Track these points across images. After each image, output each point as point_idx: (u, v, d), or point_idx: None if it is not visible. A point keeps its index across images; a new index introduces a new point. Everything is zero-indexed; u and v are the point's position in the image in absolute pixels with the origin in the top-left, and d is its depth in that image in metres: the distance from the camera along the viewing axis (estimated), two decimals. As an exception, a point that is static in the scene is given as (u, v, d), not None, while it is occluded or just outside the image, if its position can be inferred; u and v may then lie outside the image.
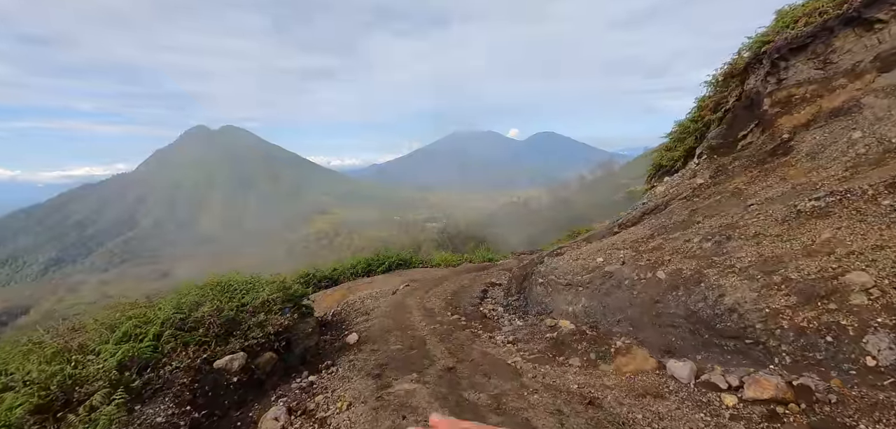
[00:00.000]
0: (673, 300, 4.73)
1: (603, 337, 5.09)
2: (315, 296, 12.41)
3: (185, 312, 5.20)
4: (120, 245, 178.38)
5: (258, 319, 5.48)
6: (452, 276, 13.11)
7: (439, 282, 11.99)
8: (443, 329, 6.74)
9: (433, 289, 10.98)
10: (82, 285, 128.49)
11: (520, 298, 8.70)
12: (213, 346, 4.90)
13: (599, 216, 64.99)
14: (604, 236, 8.77)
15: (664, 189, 9.56)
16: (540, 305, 7.53)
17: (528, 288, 8.41)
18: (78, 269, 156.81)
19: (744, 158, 7.16)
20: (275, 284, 7.41)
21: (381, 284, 12.55)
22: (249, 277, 7.63)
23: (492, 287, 11.34)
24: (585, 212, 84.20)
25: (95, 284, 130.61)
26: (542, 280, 7.71)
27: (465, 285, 11.42)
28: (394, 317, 8.11)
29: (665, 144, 14.54)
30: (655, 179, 13.35)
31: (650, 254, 5.97)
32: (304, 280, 12.95)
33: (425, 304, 9.20)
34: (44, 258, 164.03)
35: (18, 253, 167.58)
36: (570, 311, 6.57)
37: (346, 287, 12.66)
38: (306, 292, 9.37)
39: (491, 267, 14.60)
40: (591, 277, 6.46)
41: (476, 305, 9.08)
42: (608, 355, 4.61)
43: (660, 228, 6.86)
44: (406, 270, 14.35)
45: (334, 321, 9.40)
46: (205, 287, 6.61)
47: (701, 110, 12.30)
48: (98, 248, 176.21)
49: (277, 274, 8.87)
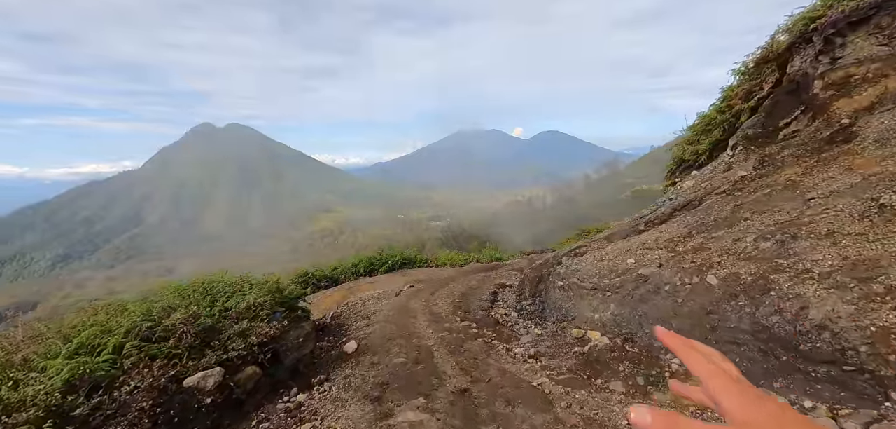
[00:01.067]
0: (733, 311, 3.94)
1: (648, 355, 4.30)
2: (314, 297, 11.70)
3: (154, 319, 4.46)
4: (126, 242, 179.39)
5: (241, 327, 4.73)
6: (459, 276, 12.34)
7: (446, 283, 11.23)
8: (452, 338, 5.97)
9: (439, 290, 10.22)
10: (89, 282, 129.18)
11: (535, 302, 7.92)
12: (184, 360, 4.16)
13: (605, 216, 63.98)
14: (628, 235, 7.95)
15: (693, 184, 8.73)
16: (559, 310, 6.75)
17: (545, 291, 7.63)
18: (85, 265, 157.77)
19: (794, 146, 6.32)
20: (265, 285, 6.67)
21: (383, 285, 11.80)
22: (238, 277, 6.90)
23: (502, 289, 10.56)
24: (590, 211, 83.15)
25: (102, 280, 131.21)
26: (562, 283, 6.92)
27: (473, 287, 10.65)
28: (397, 322, 7.36)
29: (686, 137, 13.68)
30: (678, 174, 12.50)
31: (692, 255, 5.16)
32: (303, 280, 12.24)
33: (431, 307, 8.44)
34: (51, 254, 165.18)
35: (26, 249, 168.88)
36: (597, 319, 5.77)
37: (347, 287, 11.94)
38: (302, 294, 8.65)
39: (499, 267, 13.81)
40: (621, 281, 5.66)
41: (487, 310, 8.30)
42: (661, 380, 3.81)
43: (698, 226, 6.04)
44: (410, 270, 13.62)
45: (333, 325, 8.67)
46: (186, 288, 5.89)
47: (729, 100, 11.45)
48: (105, 244, 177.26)
49: (271, 274, 8.14)
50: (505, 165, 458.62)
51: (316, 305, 10.90)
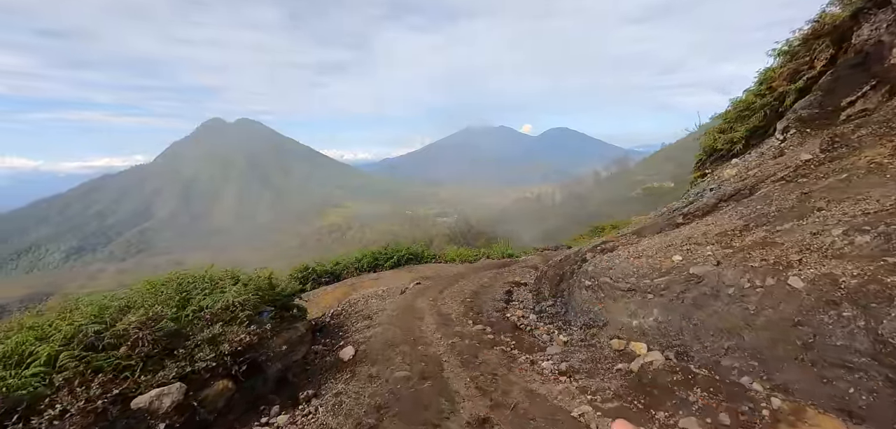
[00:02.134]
0: (836, 325, 3.03)
1: (726, 383, 3.38)
2: (314, 293, 10.94)
3: (105, 323, 3.67)
4: (137, 235, 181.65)
5: (211, 331, 3.92)
6: (469, 273, 11.48)
7: (455, 280, 10.38)
8: (464, 345, 5.12)
9: (448, 288, 9.37)
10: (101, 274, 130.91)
11: (557, 303, 7.02)
12: (137, 373, 3.36)
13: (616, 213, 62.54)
14: (663, 229, 7.01)
15: (736, 172, 7.74)
16: (587, 314, 5.85)
17: (569, 292, 6.73)
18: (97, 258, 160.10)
19: (872, 124, 5.34)
20: (251, 282, 5.87)
21: (388, 282, 10.99)
22: (223, 272, 6.12)
23: (517, 287, 9.68)
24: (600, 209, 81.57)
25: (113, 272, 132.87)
26: (590, 283, 6.02)
27: (484, 285, 9.78)
28: (401, 324, 6.53)
29: (717, 126, 12.63)
30: (709, 165, 11.47)
31: (760, 252, 4.24)
32: (303, 275, 11.48)
33: (440, 307, 7.59)
34: (65, 247, 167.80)
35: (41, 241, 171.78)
36: (636, 326, 4.87)
37: (349, 284, 11.15)
38: (297, 290, 7.86)
39: (512, 264, 12.90)
40: (666, 282, 4.75)
41: (502, 311, 7.43)
42: (761, 422, 2.87)
43: (756, 218, 5.10)
44: (417, 266, 12.78)
45: (332, 326, 7.87)
46: (159, 284, 5.11)
47: (768, 83, 10.41)
48: (116, 237, 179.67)
49: (263, 268, 7.35)
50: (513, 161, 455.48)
51: (315, 302, 10.14)
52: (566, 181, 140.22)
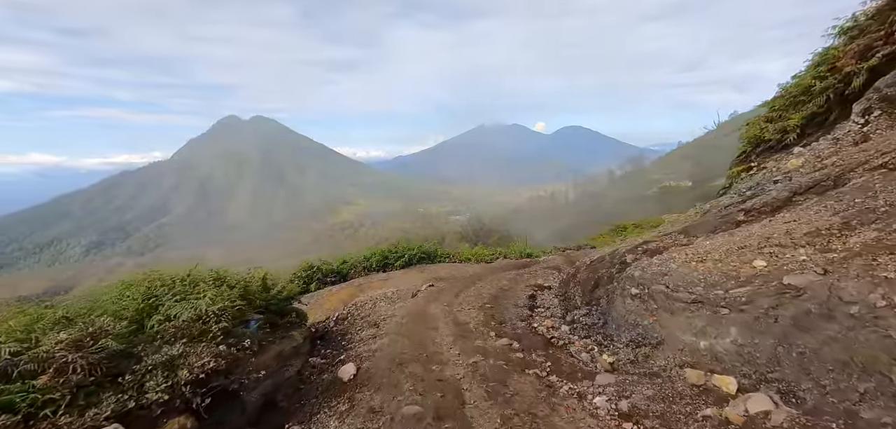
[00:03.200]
0: None
1: None
2: (318, 294, 10.14)
3: (30, 341, 2.83)
4: (155, 231, 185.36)
5: (168, 352, 3.06)
6: (486, 274, 10.52)
7: (471, 282, 9.44)
8: (488, 366, 4.18)
9: (464, 291, 8.43)
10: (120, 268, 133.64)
11: (592, 312, 6.02)
12: (58, 412, 2.51)
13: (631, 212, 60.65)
14: (722, 228, 5.94)
15: (804, 162, 6.61)
16: (633, 329, 4.85)
17: (607, 300, 5.72)
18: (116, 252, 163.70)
19: None
20: (239, 285, 5.02)
21: (398, 282, 10.11)
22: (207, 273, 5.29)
23: (540, 292, 8.69)
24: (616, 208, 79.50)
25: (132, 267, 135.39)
26: (638, 291, 5.00)
27: (505, 288, 8.82)
28: (412, 335, 5.62)
29: (762, 115, 11.40)
30: (756, 157, 10.26)
31: (885, 257, 3.19)
32: (307, 274, 10.67)
33: (456, 314, 6.66)
34: (86, 241, 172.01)
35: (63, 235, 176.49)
36: (705, 349, 3.86)
37: (356, 284, 10.31)
38: (297, 293, 7.02)
39: (531, 264, 11.89)
40: (747, 294, 3.72)
41: (527, 320, 6.46)
42: None
43: (859, 214, 4.03)
44: (430, 265, 11.87)
45: (335, 332, 7.01)
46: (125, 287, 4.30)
47: (830, 64, 9.18)
48: (135, 232, 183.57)
49: (259, 268, 6.53)
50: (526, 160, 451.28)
51: (319, 304, 9.32)
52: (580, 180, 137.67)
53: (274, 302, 5.95)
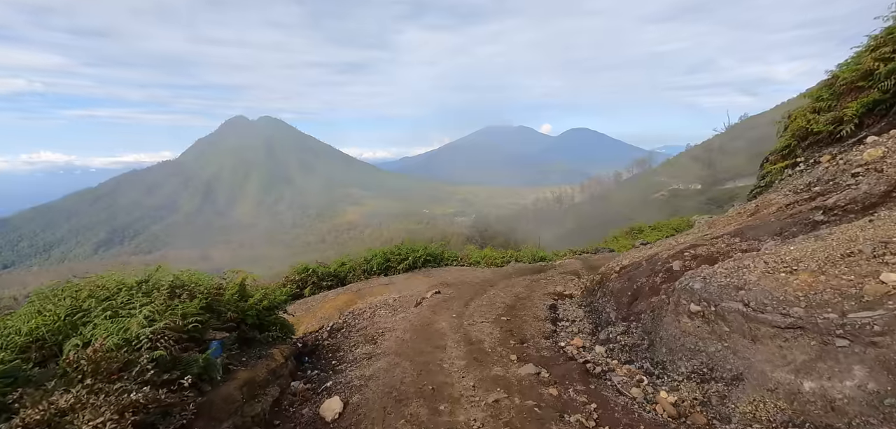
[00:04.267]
0: None
1: None
2: (312, 300, 9.19)
3: None
4: (163, 229, 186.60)
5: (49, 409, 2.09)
6: (498, 280, 9.52)
7: (482, 289, 8.43)
8: (514, 409, 3.18)
9: (475, 300, 7.43)
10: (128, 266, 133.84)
11: (631, 330, 4.99)
12: None
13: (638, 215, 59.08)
14: (793, 231, 4.88)
15: (884, 154, 5.52)
16: (694, 356, 3.83)
17: (654, 316, 4.69)
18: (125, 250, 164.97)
19: None
20: (200, 297, 4.06)
21: (401, 287, 9.13)
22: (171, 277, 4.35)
23: (561, 301, 7.66)
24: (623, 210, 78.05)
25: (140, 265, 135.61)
26: (700, 307, 3.97)
27: (520, 296, 7.80)
28: (415, 356, 4.64)
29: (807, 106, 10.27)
30: (803, 152, 9.14)
31: None
32: (301, 278, 9.72)
33: (467, 328, 5.66)
34: (95, 239, 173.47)
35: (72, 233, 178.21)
36: (813, 392, 2.83)
37: (355, 290, 9.34)
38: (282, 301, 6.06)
39: (547, 269, 10.86)
40: (883, 321, 2.68)
41: (551, 337, 5.44)
42: None
43: None
44: (436, 269, 10.88)
45: (325, 348, 6.05)
46: (44, 297, 3.37)
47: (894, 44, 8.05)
48: (144, 231, 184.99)
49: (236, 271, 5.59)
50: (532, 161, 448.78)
51: (312, 312, 8.37)
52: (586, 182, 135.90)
53: (251, 314, 5.00)
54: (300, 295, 9.33)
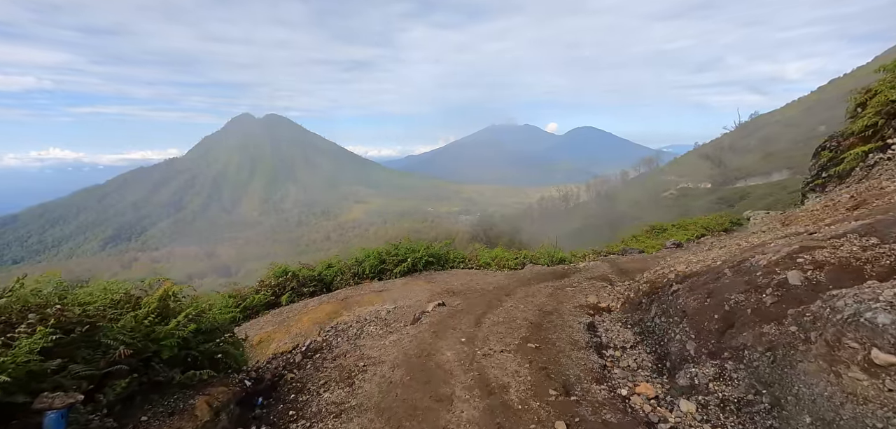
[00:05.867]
0: None
1: None
2: (288, 311, 7.57)
3: None
4: (170, 226, 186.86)
5: None
6: (515, 287, 7.85)
7: (497, 299, 6.79)
8: None
9: (489, 315, 5.79)
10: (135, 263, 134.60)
11: (731, 375, 3.34)
12: None
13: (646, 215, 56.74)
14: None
15: None
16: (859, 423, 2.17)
17: (778, 361, 3.03)
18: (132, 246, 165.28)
19: None
20: (44, 330, 2.49)
21: (397, 296, 7.51)
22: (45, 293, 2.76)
23: (598, 316, 6.00)
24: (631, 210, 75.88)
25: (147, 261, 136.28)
26: (859, 345, 2.28)
27: (545, 310, 6.15)
28: (405, 417, 3.04)
29: (886, 79, 8.47)
30: (893, 129, 7.37)
31: None
32: (278, 283, 8.10)
33: (483, 364, 4.03)
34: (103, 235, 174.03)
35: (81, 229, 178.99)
36: None
37: (341, 297, 7.72)
38: (228, 321, 4.46)
39: (570, 273, 9.12)
40: None
41: (603, 379, 3.80)
42: None
43: None
44: (439, 272, 9.21)
45: (290, 385, 4.43)
46: None
47: None
48: (151, 227, 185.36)
49: (162, 279, 4.03)
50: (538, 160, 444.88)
51: (286, 326, 6.77)
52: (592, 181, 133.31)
53: (168, 345, 3.41)
54: (276, 303, 7.75)
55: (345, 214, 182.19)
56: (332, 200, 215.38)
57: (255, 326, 7.14)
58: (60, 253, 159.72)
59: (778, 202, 38.55)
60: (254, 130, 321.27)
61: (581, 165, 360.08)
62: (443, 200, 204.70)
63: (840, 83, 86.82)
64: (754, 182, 62.36)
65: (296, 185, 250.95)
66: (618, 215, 73.46)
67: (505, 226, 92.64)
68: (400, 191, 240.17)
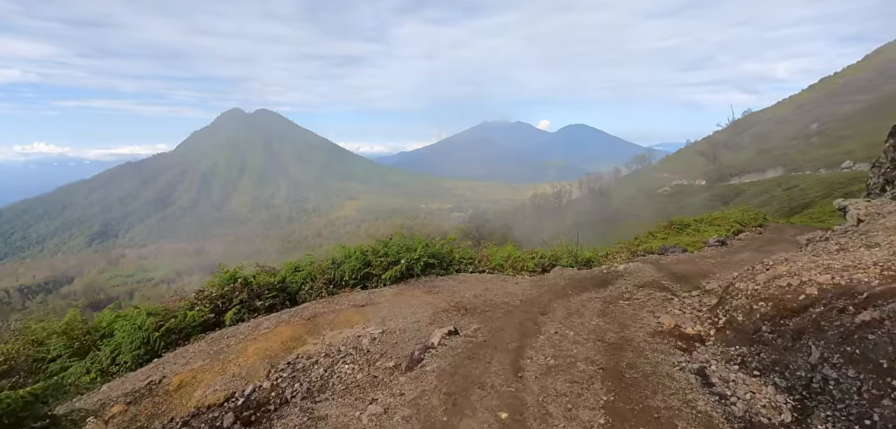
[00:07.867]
0: None
1: None
2: (233, 334, 5.34)
3: None
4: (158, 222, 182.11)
5: None
6: (549, 300, 5.71)
7: (531, 322, 4.65)
8: None
9: (528, 353, 3.65)
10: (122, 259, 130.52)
11: None
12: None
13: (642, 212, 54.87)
14: None
15: None
16: None
17: None
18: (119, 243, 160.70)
19: None
20: None
21: (386, 314, 5.33)
22: None
23: (692, 351, 3.90)
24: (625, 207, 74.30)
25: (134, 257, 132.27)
26: None
27: (609, 340, 4.03)
28: None
29: None
30: None
31: None
32: (223, 295, 5.85)
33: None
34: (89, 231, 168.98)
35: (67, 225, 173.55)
36: None
37: (308, 316, 5.50)
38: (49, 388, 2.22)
39: (612, 279, 6.96)
40: None
41: None
42: None
43: None
44: (442, 279, 7.00)
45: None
46: None
47: None
48: (138, 223, 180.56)
49: None
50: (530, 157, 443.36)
51: (224, 362, 4.55)
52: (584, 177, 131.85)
53: None
54: (219, 323, 5.53)
55: (336, 211, 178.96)
56: (324, 196, 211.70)
57: (181, 357, 4.92)
58: (45, 250, 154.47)
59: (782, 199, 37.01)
60: (244, 125, 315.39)
61: (573, 163, 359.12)
62: (435, 197, 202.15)
63: (830, 82, 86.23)
64: (749, 179, 61.21)
65: (286, 181, 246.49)
66: (612, 212, 71.93)
67: (497, 222, 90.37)
68: (392, 187, 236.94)
